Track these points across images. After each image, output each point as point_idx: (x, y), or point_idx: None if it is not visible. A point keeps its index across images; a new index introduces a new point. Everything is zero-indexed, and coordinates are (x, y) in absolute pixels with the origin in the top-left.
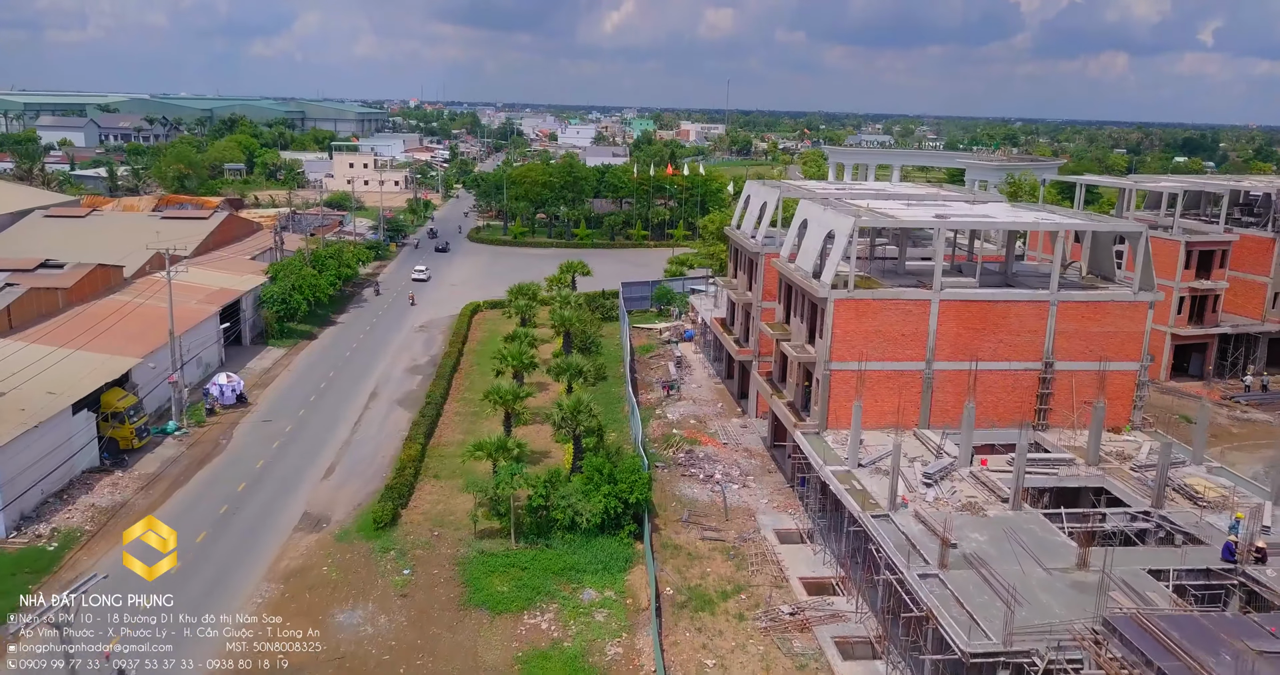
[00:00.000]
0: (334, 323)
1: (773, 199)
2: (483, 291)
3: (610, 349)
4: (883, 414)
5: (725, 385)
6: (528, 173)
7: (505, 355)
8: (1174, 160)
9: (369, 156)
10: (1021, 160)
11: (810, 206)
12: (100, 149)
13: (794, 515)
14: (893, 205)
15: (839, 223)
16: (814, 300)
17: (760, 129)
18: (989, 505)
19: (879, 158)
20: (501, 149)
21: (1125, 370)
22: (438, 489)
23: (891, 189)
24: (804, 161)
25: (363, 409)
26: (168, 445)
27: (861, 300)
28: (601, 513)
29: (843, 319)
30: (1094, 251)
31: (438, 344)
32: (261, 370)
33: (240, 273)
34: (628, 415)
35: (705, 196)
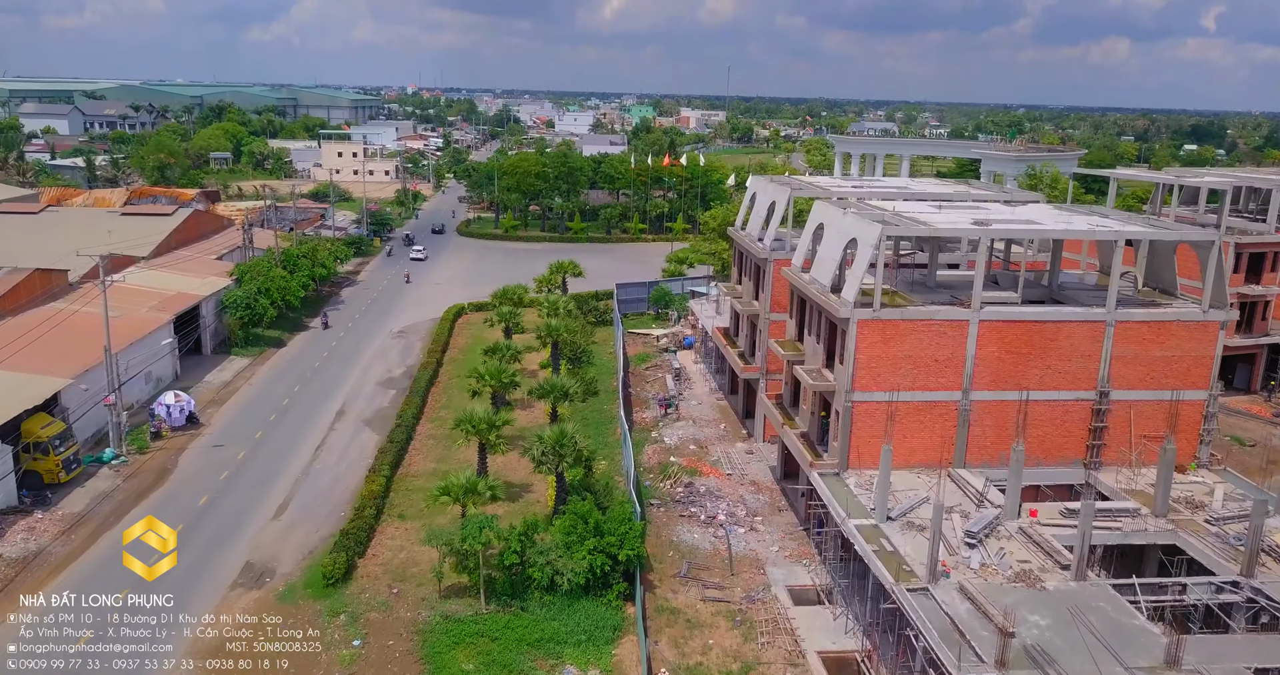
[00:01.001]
0: (306, 328)
1: (782, 198)
2: (468, 291)
3: (603, 358)
4: (912, 451)
5: (729, 402)
6: (520, 163)
7: (483, 373)
8: (1183, 148)
9: (358, 145)
10: (1041, 151)
11: (828, 210)
12: (84, 137)
13: (809, 567)
14: (922, 208)
15: (863, 230)
16: (833, 319)
17: (761, 116)
18: (1047, 573)
19: (888, 147)
20: (498, 136)
21: (1191, 400)
22: (401, 533)
23: (915, 186)
24: (807, 149)
25: (327, 431)
26: (102, 477)
27: (889, 321)
28: (586, 571)
29: (867, 342)
30: (1152, 260)
31: (415, 352)
32: (220, 384)
33: (202, 275)
34: (620, 439)
35: (706, 188)
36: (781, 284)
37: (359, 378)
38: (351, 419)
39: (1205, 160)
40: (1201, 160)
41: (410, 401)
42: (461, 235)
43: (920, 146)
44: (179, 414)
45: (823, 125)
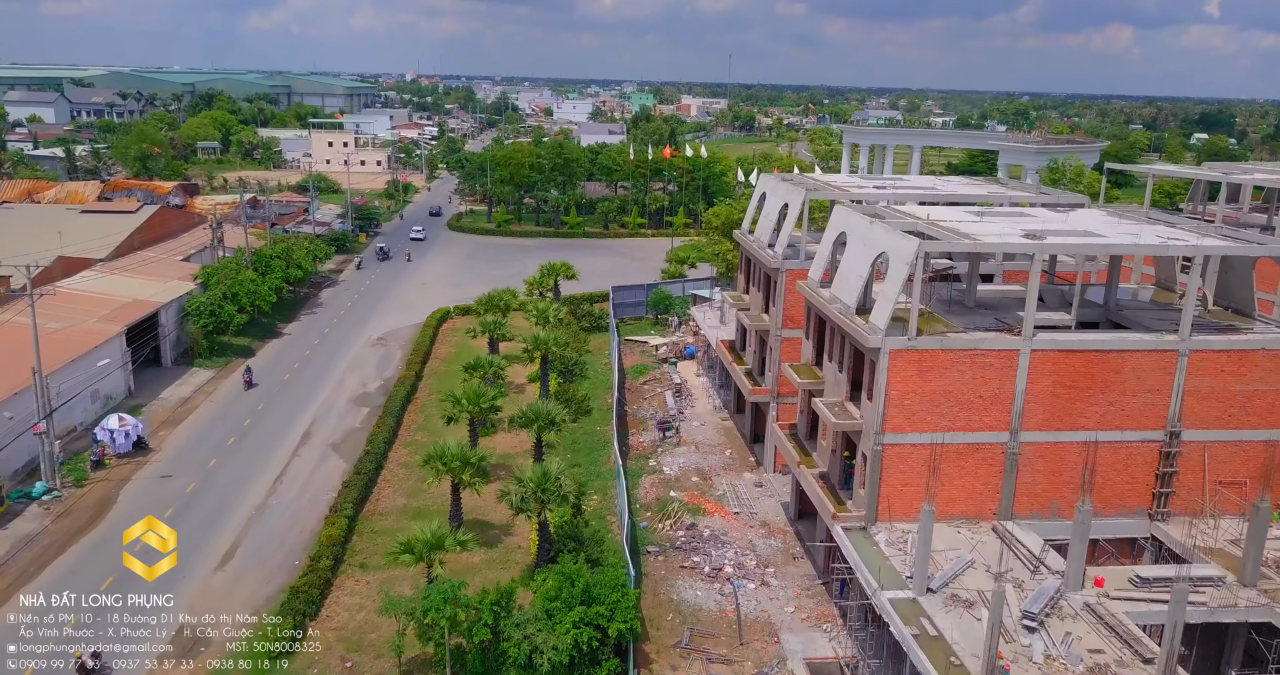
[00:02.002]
0: (279, 334)
1: (796, 200)
2: (457, 292)
3: (597, 369)
4: (950, 500)
5: (734, 421)
6: (514, 154)
7: (460, 398)
8: (1194, 137)
9: (349, 135)
10: (1062, 143)
11: (851, 217)
12: (69, 126)
13: (830, 634)
14: (959, 215)
15: (896, 245)
16: (860, 347)
17: (763, 103)
18: (1126, 670)
19: (898, 137)
20: (495, 125)
21: (1274, 441)
22: (361, 588)
23: (943, 187)
24: (812, 139)
25: (289, 457)
26: (29, 516)
27: (927, 351)
28: (571, 648)
29: (901, 375)
30: (1226, 275)
31: (394, 362)
32: (178, 401)
33: (165, 278)
34: (613, 469)
35: (708, 181)
36: (796, 298)
37: (331, 393)
38: (318, 443)
39: (1219, 150)
40: (1215, 150)
41: (383, 423)
42: (452, 230)
43: (932, 137)
44: (125, 440)
45: (826, 113)
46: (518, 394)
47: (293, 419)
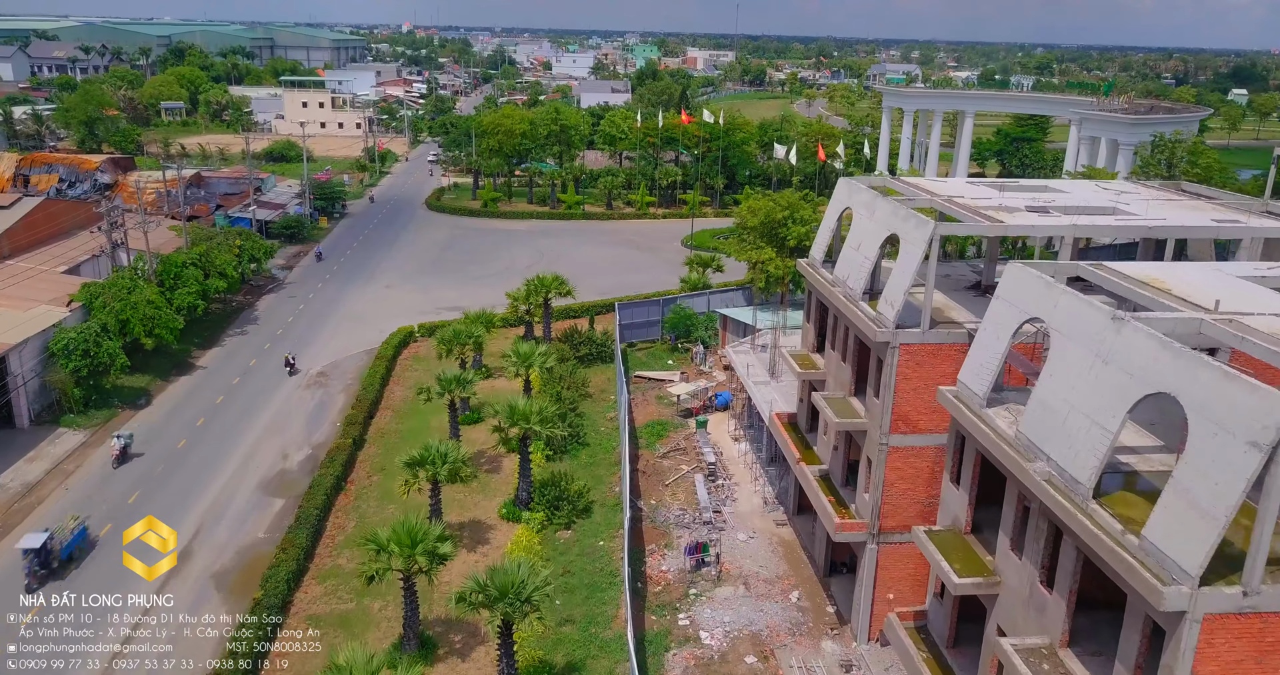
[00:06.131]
0: (191, 368)
1: (917, 236)
2: (426, 298)
3: (599, 427)
4: None
5: (794, 526)
6: (503, 120)
7: (388, 541)
8: (1230, 93)
9: (326, 94)
10: (1157, 114)
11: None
12: (25, 83)
13: None
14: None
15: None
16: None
17: (771, 55)
18: None
19: (950, 102)
20: (490, 80)
21: None
22: None
23: (1055, 189)
24: (831, 96)
25: (141, 612)
26: None
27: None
28: None
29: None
30: None
31: (331, 415)
32: (20, 489)
33: (29, 303)
34: (623, 631)
35: (728, 150)
36: (917, 386)
37: (236, 472)
38: (193, 576)
39: (1272, 109)
40: (1269, 109)
41: (296, 534)
42: (431, 209)
43: (990, 101)
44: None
45: (839, 67)
46: (489, 476)
47: (171, 522)
